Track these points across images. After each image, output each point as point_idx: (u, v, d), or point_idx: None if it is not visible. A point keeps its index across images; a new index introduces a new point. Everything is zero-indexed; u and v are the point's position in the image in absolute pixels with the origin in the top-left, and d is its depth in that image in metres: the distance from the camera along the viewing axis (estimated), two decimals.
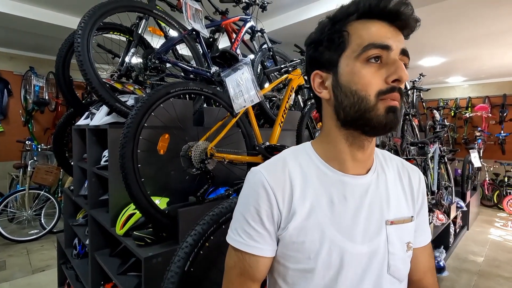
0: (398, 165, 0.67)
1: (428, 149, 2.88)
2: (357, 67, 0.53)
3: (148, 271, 1.09)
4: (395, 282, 0.60)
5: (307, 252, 0.56)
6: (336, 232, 0.56)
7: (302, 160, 0.61)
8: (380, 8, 0.51)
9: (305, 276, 0.57)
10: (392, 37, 0.52)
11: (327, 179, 0.59)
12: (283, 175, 0.59)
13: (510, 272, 3.01)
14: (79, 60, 1.31)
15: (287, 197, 0.58)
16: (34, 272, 2.92)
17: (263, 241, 0.58)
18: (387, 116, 0.52)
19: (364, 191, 0.59)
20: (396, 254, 0.59)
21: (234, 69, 1.50)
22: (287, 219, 0.57)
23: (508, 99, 6.17)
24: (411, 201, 0.65)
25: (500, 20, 3.09)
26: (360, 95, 0.53)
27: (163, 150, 1.28)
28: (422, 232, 0.68)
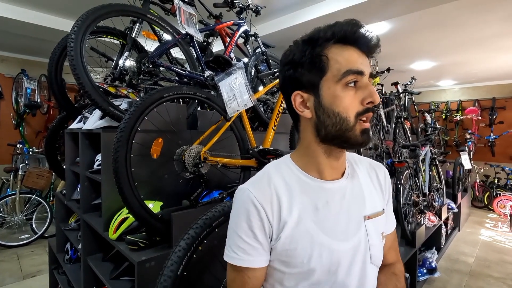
0: (366, 166, 0.75)
1: (419, 152, 2.92)
2: (338, 91, 0.58)
3: (141, 276, 1.09)
4: (374, 269, 0.69)
5: (300, 257, 0.61)
6: (323, 235, 0.62)
7: (284, 173, 0.66)
8: (355, 36, 0.57)
9: (301, 278, 0.63)
10: (363, 63, 0.59)
11: (309, 187, 0.65)
12: (269, 190, 0.63)
13: (500, 272, 3.07)
14: (72, 64, 1.30)
15: (276, 209, 0.62)
16: (25, 277, 2.87)
17: (257, 253, 0.63)
18: (361, 137, 0.60)
19: (342, 194, 0.66)
20: (375, 244, 0.67)
21: (227, 73, 1.52)
22: (278, 230, 0.62)
23: (497, 102, 6.30)
24: (381, 195, 0.73)
25: (487, 26, 3.17)
26: (342, 117, 0.59)
27: (156, 154, 1.29)
28: (389, 221, 0.78)
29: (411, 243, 2.49)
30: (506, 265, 3.21)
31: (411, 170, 2.72)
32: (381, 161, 2.93)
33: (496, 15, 2.90)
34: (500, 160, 6.15)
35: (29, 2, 2.97)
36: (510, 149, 6.13)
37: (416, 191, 2.77)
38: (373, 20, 2.99)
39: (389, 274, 0.76)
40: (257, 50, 2.44)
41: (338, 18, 2.63)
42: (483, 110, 6.48)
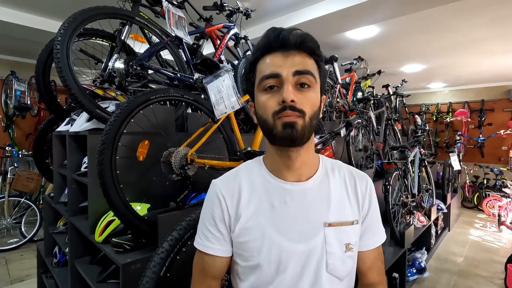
0: (346, 174, 0.74)
1: (408, 153, 2.97)
2: (259, 96, 0.64)
3: (126, 278, 1.09)
4: (334, 280, 0.66)
5: (251, 250, 0.65)
6: (275, 232, 0.65)
7: (252, 172, 0.72)
8: (268, 43, 0.62)
9: (252, 271, 0.66)
10: (283, 64, 0.61)
11: (271, 186, 0.68)
12: (233, 184, 0.70)
13: (487, 271, 3.12)
14: (58, 66, 1.30)
15: (235, 202, 0.68)
16: (13, 282, 2.83)
17: (218, 242, 0.69)
18: (284, 131, 0.61)
19: (303, 196, 0.67)
20: (334, 253, 0.65)
21: (215, 76, 1.53)
22: (235, 222, 0.67)
23: (486, 104, 6.43)
24: (356, 206, 0.71)
25: (472, 30, 3.25)
26: (263, 118, 0.63)
27: (142, 156, 1.29)
28: (370, 236, 0.73)
29: (400, 244, 2.51)
30: (494, 264, 3.27)
31: (400, 171, 2.76)
32: (371, 163, 2.97)
33: (480, 20, 2.97)
34: (489, 161, 6.26)
35: (19, 4, 2.95)
36: (498, 150, 6.25)
37: (405, 192, 2.80)
38: (362, 23, 3.03)
39: None
40: (248, 53, 2.46)
41: (327, 21, 2.67)
42: (473, 112, 6.60)
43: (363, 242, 0.72)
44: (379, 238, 0.75)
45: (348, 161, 2.66)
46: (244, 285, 0.67)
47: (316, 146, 1.75)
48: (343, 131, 1.65)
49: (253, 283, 0.65)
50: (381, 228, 0.76)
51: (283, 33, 0.61)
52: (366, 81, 4.31)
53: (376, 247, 0.74)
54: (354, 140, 2.83)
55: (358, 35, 3.53)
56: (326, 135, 1.72)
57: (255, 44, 0.67)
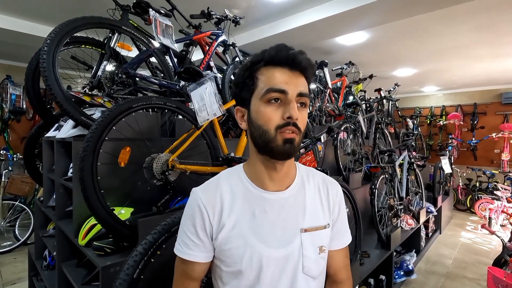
0: (319, 181, 0.79)
1: (395, 157, 3.01)
2: (261, 107, 0.66)
3: (106, 280, 1.13)
4: (309, 280, 0.72)
5: (234, 257, 0.69)
6: (256, 240, 0.68)
7: (232, 180, 0.74)
8: (279, 56, 0.65)
9: (234, 276, 0.69)
10: (289, 82, 0.65)
11: (251, 195, 0.71)
12: (214, 194, 0.72)
13: (474, 273, 3.17)
14: (44, 75, 1.35)
15: (217, 212, 0.70)
16: (5, 285, 2.85)
17: (198, 249, 0.71)
18: (284, 146, 0.65)
19: (282, 204, 0.71)
20: (309, 256, 0.71)
21: (199, 84, 1.58)
22: (217, 231, 0.70)
23: (479, 108, 6.50)
24: (327, 211, 0.77)
25: (459, 35, 3.32)
26: (263, 129, 0.65)
27: (124, 162, 1.33)
28: (340, 237, 0.81)
29: (386, 246, 2.56)
30: (481, 266, 3.32)
31: (387, 174, 2.80)
32: (360, 166, 3.01)
33: (467, 26, 3.04)
34: (482, 164, 6.32)
35: (14, 10, 3.00)
36: (491, 153, 6.31)
37: (392, 195, 2.85)
38: (350, 29, 3.10)
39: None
40: (236, 59, 2.51)
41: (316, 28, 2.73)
42: (465, 115, 6.67)
43: (335, 242, 0.79)
44: (347, 239, 0.83)
45: (336, 165, 2.70)
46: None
47: (299, 151, 1.80)
48: (324, 136, 1.70)
49: (235, 286, 0.69)
50: (348, 230, 0.84)
51: (294, 52, 0.65)
52: (357, 86, 4.36)
53: (344, 247, 0.82)
54: (343, 144, 2.88)
55: (348, 40, 3.60)
56: (308, 141, 1.77)
57: (258, 52, 0.68)
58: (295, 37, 3.23)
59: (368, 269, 2.24)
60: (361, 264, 2.22)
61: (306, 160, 1.83)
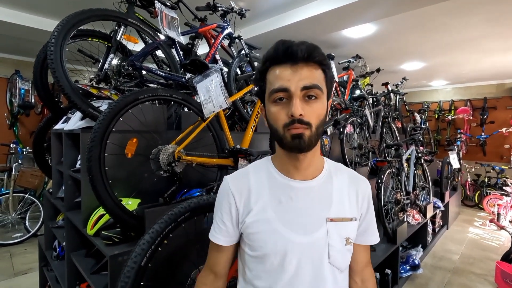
0: (348, 176, 0.80)
1: (402, 151, 2.98)
2: (269, 107, 0.69)
3: (114, 269, 1.15)
4: (335, 271, 0.73)
5: (259, 241, 0.71)
6: (281, 225, 0.70)
7: (261, 170, 0.78)
8: (277, 54, 0.66)
9: (259, 261, 0.72)
10: (292, 78, 0.65)
11: (278, 183, 0.74)
12: (243, 182, 0.76)
13: (481, 269, 3.13)
14: (52, 68, 1.36)
15: (244, 197, 0.74)
16: (16, 275, 2.93)
17: (221, 233, 0.77)
18: (293, 142, 0.66)
19: (307, 193, 0.73)
20: (335, 246, 0.71)
21: (204, 76, 1.58)
22: (244, 215, 0.74)
23: (489, 102, 6.37)
24: (355, 205, 0.77)
25: (470, 28, 3.24)
26: (274, 127, 0.69)
27: (131, 153, 1.34)
28: (369, 234, 0.81)
29: (392, 240, 2.55)
30: (489, 262, 3.28)
31: (393, 169, 2.78)
32: (366, 160, 2.99)
33: (478, 17, 2.96)
34: (491, 159, 6.22)
35: (22, 4, 3.03)
36: (500, 148, 6.20)
37: (399, 189, 2.83)
38: (357, 22, 3.05)
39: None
40: (242, 52, 2.50)
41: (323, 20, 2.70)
42: (475, 110, 6.55)
43: (363, 238, 0.80)
44: (375, 238, 0.83)
45: (341, 159, 2.69)
46: (251, 274, 0.74)
47: None
48: (330, 129, 1.69)
49: (260, 272, 0.72)
50: (377, 230, 0.83)
51: (292, 47, 0.64)
52: (364, 79, 4.31)
53: (370, 245, 0.83)
54: (349, 138, 2.86)
55: (355, 33, 3.54)
56: None
57: (264, 53, 0.70)
58: (301, 30, 3.19)
59: (374, 263, 2.24)
60: None
61: None
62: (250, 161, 1.43)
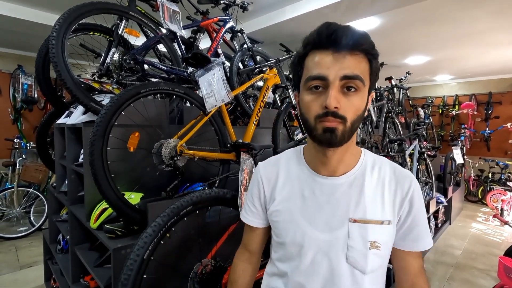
0: (387, 173, 0.71)
1: (405, 146, 2.96)
2: (303, 95, 0.66)
3: (117, 262, 1.16)
4: (356, 272, 0.67)
5: (280, 229, 0.74)
6: (301, 218, 0.71)
7: (291, 160, 0.79)
8: (320, 38, 0.61)
9: (281, 247, 0.75)
10: (332, 66, 0.60)
11: (304, 176, 0.74)
12: (272, 169, 0.79)
13: (484, 264, 3.13)
14: (53, 61, 1.36)
15: (271, 185, 0.77)
16: (22, 268, 2.97)
17: (253, 215, 0.82)
18: (324, 135, 0.62)
19: (333, 190, 0.70)
20: (355, 248, 0.66)
21: (206, 70, 1.57)
22: (269, 202, 0.77)
23: (494, 97, 6.30)
24: (391, 207, 0.68)
25: (476, 21, 3.18)
26: (305, 117, 0.66)
27: (133, 147, 1.34)
28: (414, 239, 0.70)
29: None
30: (491, 258, 3.27)
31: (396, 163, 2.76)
32: None
33: (485, 10, 2.91)
34: (495, 155, 6.17)
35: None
36: (505, 143, 6.14)
37: None
38: (361, 15, 3.01)
39: None
40: (244, 46, 2.48)
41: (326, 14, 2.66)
42: (480, 105, 6.48)
43: (406, 243, 0.70)
44: (426, 243, 0.70)
45: None
46: (275, 256, 0.78)
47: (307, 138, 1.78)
48: None
49: (281, 256, 0.75)
50: (429, 234, 0.72)
51: (337, 32, 0.59)
52: None
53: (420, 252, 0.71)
54: None
55: (358, 27, 3.49)
56: None
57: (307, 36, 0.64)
58: (304, 24, 3.16)
59: None
60: None
61: None
62: (252, 155, 1.42)
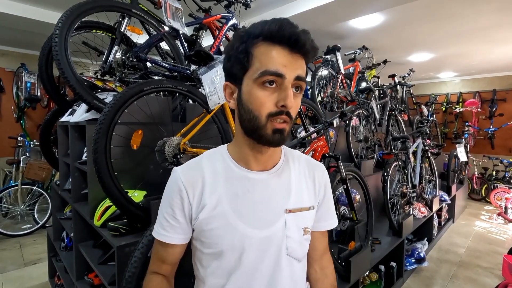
0: (304, 163, 0.77)
1: (409, 144, 2.94)
2: (254, 89, 0.59)
3: (121, 259, 1.16)
4: (293, 261, 0.70)
5: (215, 237, 0.66)
6: (238, 220, 0.65)
7: (215, 160, 0.70)
8: (280, 34, 0.57)
9: (214, 258, 0.67)
10: (288, 65, 0.58)
11: (234, 175, 0.68)
12: (195, 173, 0.68)
13: (488, 262, 3.12)
14: (56, 59, 1.36)
15: (198, 192, 0.67)
16: (26, 265, 2.99)
17: (173, 231, 0.69)
18: (273, 136, 0.60)
19: (266, 184, 0.69)
20: (293, 237, 0.69)
21: (209, 67, 1.56)
22: (197, 211, 0.67)
23: (498, 94, 6.24)
24: (312, 193, 0.75)
25: (481, 17, 3.15)
26: (254, 114, 0.60)
27: (136, 145, 1.34)
28: (326, 219, 0.79)
29: (398, 233, 2.53)
30: (496, 256, 3.26)
31: (400, 162, 2.75)
32: (372, 153, 2.96)
33: (490, 6, 2.88)
34: (500, 153, 6.12)
35: None
36: (509, 141, 6.09)
37: (405, 182, 2.80)
38: (365, 11, 2.98)
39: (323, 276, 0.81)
40: None
41: (329, 10, 2.63)
42: (484, 102, 6.43)
43: (321, 224, 0.78)
44: (334, 222, 0.81)
45: (347, 152, 2.67)
46: (206, 272, 0.68)
47: (310, 136, 1.77)
48: (336, 121, 1.67)
49: (216, 269, 0.67)
50: (335, 214, 0.81)
51: (298, 32, 0.57)
52: (371, 71, 4.24)
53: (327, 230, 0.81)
54: (355, 131, 2.83)
55: (362, 23, 3.47)
56: (320, 125, 1.74)
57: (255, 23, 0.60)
58: (307, 21, 3.14)
59: (379, 255, 2.24)
60: (372, 251, 2.21)
61: (318, 145, 1.80)
62: None
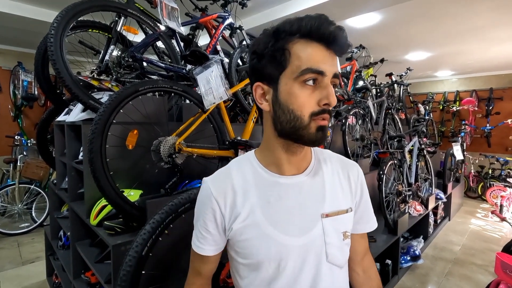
0: (337, 163, 0.73)
1: (405, 143, 2.96)
2: (294, 88, 0.57)
3: (117, 258, 1.17)
4: (334, 269, 0.67)
5: (250, 248, 0.64)
6: (272, 228, 0.63)
7: (244, 168, 0.68)
8: (320, 31, 0.55)
9: (252, 269, 0.65)
10: (327, 62, 0.56)
11: (265, 181, 0.66)
12: (225, 184, 0.66)
13: (483, 260, 3.15)
14: (52, 59, 1.36)
15: (230, 202, 0.65)
16: (24, 264, 3.00)
17: (206, 242, 0.68)
18: (317, 134, 0.59)
19: (298, 189, 0.66)
20: (332, 243, 0.65)
21: (205, 67, 1.57)
22: (230, 221, 0.65)
23: (495, 93, 6.27)
24: (349, 195, 0.71)
25: (477, 16, 3.16)
26: (296, 115, 0.58)
27: (131, 145, 1.35)
28: (365, 221, 0.76)
29: (393, 231, 2.56)
30: (490, 253, 3.29)
31: (395, 160, 2.77)
32: (368, 152, 2.98)
33: (485, 5, 2.89)
34: (496, 151, 6.16)
35: None
36: (506, 140, 6.13)
37: (400, 181, 2.82)
38: (362, 10, 2.99)
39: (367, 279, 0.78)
40: (243, 43, 2.48)
41: (326, 9, 2.65)
42: (480, 101, 6.46)
43: (360, 226, 0.75)
44: (373, 223, 0.77)
45: (343, 151, 2.68)
46: (244, 283, 0.67)
47: None
48: (331, 120, 1.68)
49: (254, 280, 0.65)
50: (373, 215, 0.78)
51: (336, 29, 0.55)
52: (368, 70, 4.25)
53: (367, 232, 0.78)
54: (352, 130, 2.85)
55: (359, 22, 3.48)
56: None
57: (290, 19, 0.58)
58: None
59: (374, 253, 2.26)
60: None
61: None
62: None
